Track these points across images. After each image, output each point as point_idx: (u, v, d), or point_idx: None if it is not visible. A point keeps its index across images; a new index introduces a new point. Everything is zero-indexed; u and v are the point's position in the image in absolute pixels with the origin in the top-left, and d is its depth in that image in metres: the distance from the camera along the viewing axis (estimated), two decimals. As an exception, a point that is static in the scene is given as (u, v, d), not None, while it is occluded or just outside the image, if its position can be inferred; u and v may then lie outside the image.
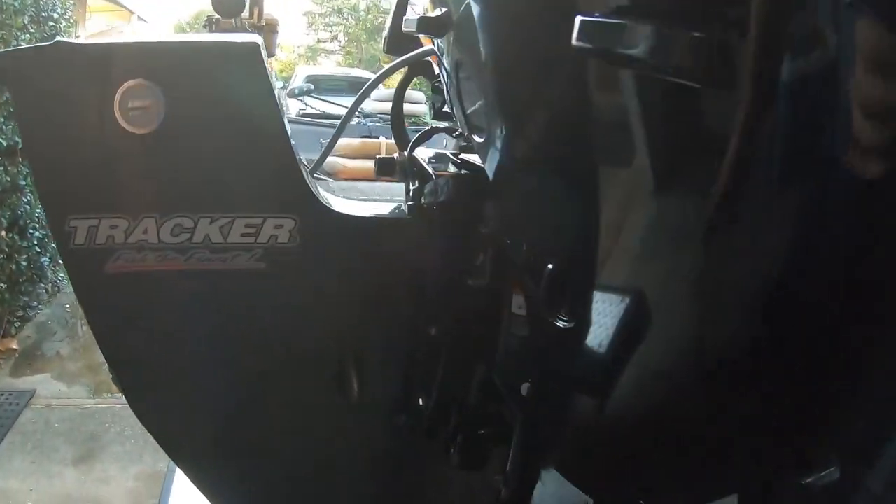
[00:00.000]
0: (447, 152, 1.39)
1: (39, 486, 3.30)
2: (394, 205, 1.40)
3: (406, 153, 1.37)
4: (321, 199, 1.24)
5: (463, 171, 1.23)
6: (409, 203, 1.28)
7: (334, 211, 1.27)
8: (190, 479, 1.56)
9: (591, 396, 0.92)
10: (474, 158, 1.25)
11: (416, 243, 1.30)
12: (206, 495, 1.59)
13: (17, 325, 5.08)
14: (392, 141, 1.58)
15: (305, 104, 6.67)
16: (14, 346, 4.81)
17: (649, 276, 0.72)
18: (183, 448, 1.49)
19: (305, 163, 1.30)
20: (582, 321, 0.81)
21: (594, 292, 0.79)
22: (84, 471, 3.43)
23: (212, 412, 1.42)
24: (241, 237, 1.21)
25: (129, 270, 1.20)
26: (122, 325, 1.28)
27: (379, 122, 5.17)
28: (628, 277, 0.77)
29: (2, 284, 4.82)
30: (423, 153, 1.36)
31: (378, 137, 4.02)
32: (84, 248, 1.17)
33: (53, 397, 4.14)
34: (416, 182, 1.28)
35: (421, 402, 1.42)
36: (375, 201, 1.47)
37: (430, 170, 1.24)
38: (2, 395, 4.11)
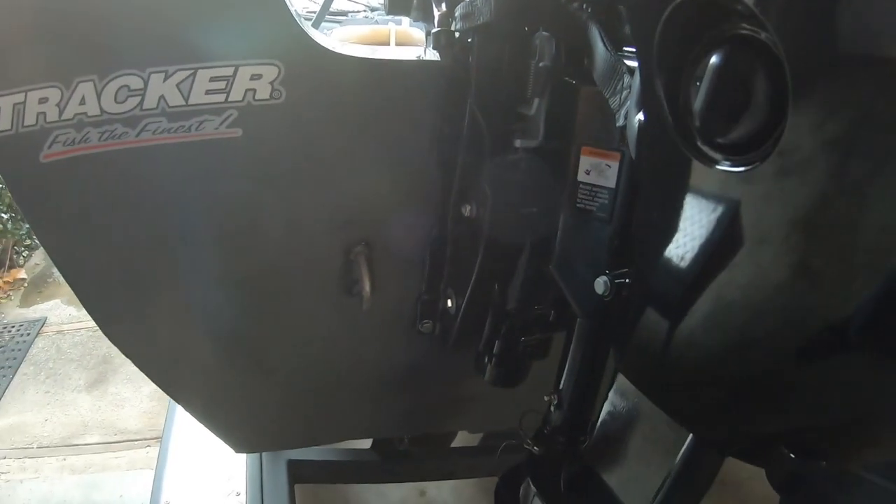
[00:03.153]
0: None
1: (54, 417, 3.17)
2: (414, 49, 1.09)
3: None
4: (315, 40, 0.93)
5: None
6: (434, 32, 0.96)
7: (334, 52, 0.95)
8: (184, 407, 1.33)
9: (683, 301, 0.68)
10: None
11: (445, 89, 0.99)
12: (204, 423, 1.36)
13: (24, 254, 4.89)
14: (402, 27, 1.22)
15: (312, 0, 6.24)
16: (22, 276, 4.63)
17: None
18: (171, 372, 1.24)
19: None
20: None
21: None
22: (98, 395, 3.29)
23: (197, 324, 1.16)
24: (207, 95, 0.90)
25: (70, 156, 0.91)
26: (73, 227, 1.00)
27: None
28: None
29: (3, 215, 4.60)
30: None
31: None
32: (11, 136, 0.88)
33: (64, 322, 3.98)
34: (443, 6, 0.97)
35: (450, 303, 1.15)
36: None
37: None
38: (13, 326, 3.96)
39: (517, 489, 1.18)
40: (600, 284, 0.81)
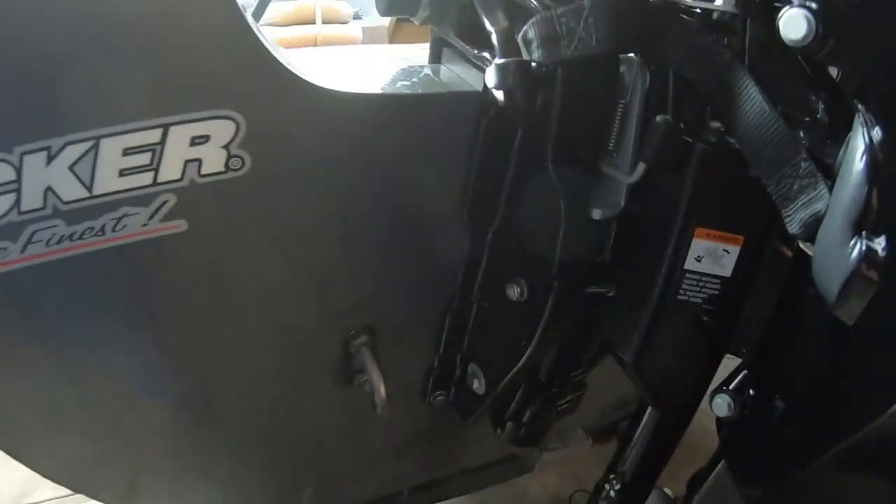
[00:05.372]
0: None
1: (0, 475, 2.81)
2: (442, 74, 0.78)
3: None
4: (294, 73, 0.60)
5: None
6: (500, 64, 0.63)
7: (326, 90, 0.62)
8: None
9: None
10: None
11: (493, 134, 0.70)
12: None
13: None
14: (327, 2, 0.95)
15: None
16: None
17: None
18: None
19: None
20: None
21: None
22: None
23: (161, 452, 0.87)
24: (123, 178, 0.56)
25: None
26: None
27: None
28: None
29: None
30: None
31: None
32: None
33: None
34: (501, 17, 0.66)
35: (476, 384, 0.94)
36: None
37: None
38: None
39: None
40: (722, 406, 0.67)
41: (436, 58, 0.81)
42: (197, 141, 0.56)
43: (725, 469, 0.69)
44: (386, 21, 2.17)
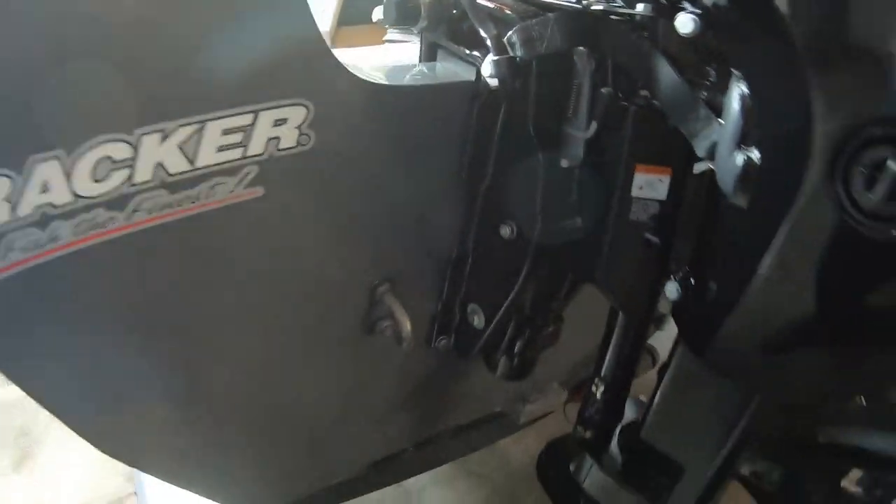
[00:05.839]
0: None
1: (-17, 506, 2.65)
2: (438, 69, 1.03)
3: None
4: (349, 70, 0.80)
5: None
6: (495, 60, 0.88)
7: (371, 83, 0.83)
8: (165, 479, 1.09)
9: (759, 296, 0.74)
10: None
11: (489, 112, 0.93)
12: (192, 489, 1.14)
13: None
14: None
15: None
16: None
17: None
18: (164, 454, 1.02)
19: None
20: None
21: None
22: (28, 473, 2.70)
23: (200, 401, 0.97)
24: (220, 153, 0.73)
25: (34, 263, 0.68)
26: (46, 350, 0.76)
27: None
28: None
29: None
30: None
31: None
32: None
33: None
34: (492, 28, 0.91)
35: (476, 320, 1.13)
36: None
37: (509, 11, 0.91)
38: None
39: (560, 464, 1.24)
40: (673, 291, 0.86)
41: (429, 57, 1.05)
42: (278, 122, 0.74)
43: (684, 348, 0.91)
44: (327, 27, 2.32)
